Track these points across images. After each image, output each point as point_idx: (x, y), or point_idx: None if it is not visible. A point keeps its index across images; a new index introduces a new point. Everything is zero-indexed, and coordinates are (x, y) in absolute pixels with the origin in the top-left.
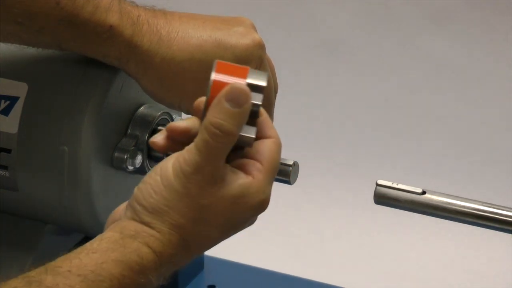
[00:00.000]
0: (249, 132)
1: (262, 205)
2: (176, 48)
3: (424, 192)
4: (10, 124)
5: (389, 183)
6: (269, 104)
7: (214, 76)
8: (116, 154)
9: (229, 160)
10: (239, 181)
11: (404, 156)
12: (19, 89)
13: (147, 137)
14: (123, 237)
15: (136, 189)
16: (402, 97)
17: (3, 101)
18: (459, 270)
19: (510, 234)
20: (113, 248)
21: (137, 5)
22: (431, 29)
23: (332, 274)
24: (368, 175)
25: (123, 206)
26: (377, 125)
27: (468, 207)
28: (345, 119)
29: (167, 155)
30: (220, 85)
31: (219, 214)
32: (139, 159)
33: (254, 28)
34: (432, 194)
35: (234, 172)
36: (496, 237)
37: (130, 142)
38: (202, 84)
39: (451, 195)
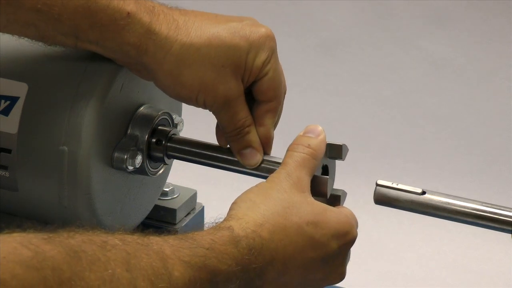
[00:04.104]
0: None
1: (347, 232)
2: (194, 35)
3: (424, 192)
4: (10, 124)
5: (389, 183)
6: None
7: None
8: (116, 154)
9: None
10: (324, 204)
11: (404, 156)
12: (19, 89)
13: (147, 137)
14: (217, 221)
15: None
16: (402, 97)
17: (3, 101)
18: (459, 270)
19: (510, 234)
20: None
21: None
22: (431, 29)
23: None
24: (368, 175)
25: None
26: (377, 125)
27: (468, 207)
28: (344, 119)
29: (169, 156)
30: None
31: (308, 213)
32: (139, 159)
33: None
34: (432, 194)
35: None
36: (496, 237)
37: (130, 142)
38: (220, 71)
39: (451, 195)
